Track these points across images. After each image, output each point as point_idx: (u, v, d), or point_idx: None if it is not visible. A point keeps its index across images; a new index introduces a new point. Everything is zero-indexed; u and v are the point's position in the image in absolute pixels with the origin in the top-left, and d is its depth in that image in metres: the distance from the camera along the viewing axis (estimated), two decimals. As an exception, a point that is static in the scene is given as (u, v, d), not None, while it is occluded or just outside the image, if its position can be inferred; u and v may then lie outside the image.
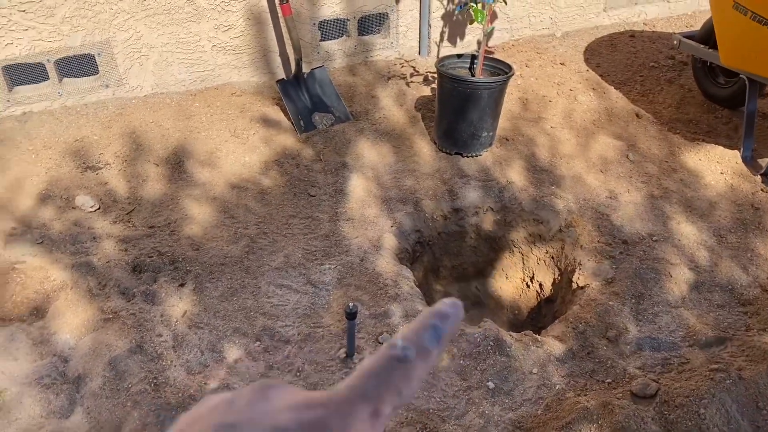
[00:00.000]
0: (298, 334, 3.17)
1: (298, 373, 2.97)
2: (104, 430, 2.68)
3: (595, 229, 3.89)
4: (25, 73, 4.72)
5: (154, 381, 2.88)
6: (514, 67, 4.46)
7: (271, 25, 4.96)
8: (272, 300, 3.35)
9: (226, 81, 5.09)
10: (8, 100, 4.64)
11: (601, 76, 5.46)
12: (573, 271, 3.74)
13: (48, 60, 4.60)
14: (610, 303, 3.38)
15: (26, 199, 3.97)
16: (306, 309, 3.32)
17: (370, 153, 4.46)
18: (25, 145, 4.43)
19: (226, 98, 4.92)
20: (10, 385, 2.84)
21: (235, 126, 4.60)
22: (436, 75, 5.20)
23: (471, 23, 4.41)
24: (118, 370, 2.92)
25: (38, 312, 3.23)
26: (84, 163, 4.29)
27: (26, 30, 4.43)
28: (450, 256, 4.22)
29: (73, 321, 3.16)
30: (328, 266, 3.57)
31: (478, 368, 3.02)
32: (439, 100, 4.44)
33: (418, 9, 5.36)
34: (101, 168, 4.25)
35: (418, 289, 3.51)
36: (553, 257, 4.01)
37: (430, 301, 3.78)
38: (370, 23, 5.37)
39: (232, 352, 3.06)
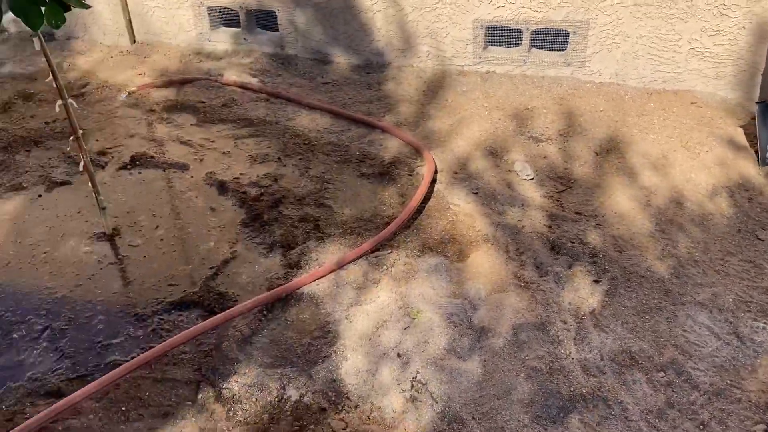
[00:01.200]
0: (710, 385, 2.78)
1: (701, 427, 2.61)
2: (495, 387, 2.75)
3: None
4: (502, 36, 5.04)
5: (550, 364, 2.84)
6: None
7: (769, 38, 4.36)
8: (688, 335, 3.01)
9: (689, 88, 4.68)
10: (479, 57, 5.03)
11: None
12: None
13: (527, 28, 4.82)
14: None
15: (472, 149, 4.28)
16: (725, 361, 2.89)
17: None
18: (481, 101, 4.77)
19: (684, 106, 4.54)
20: (425, 308, 3.11)
21: (689, 138, 4.22)
22: None
23: None
24: (519, 339, 2.96)
25: (460, 255, 3.46)
26: (528, 131, 4.43)
27: (520, -3, 4.69)
28: None
29: (488, 275, 3.31)
30: (763, 325, 3.06)
31: None
32: None
33: None
34: (543, 141, 4.33)
35: None
36: None
37: None
38: None
39: (629, 370, 2.84)
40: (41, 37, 2.98)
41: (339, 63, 5.40)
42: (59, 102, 3.22)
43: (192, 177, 4.15)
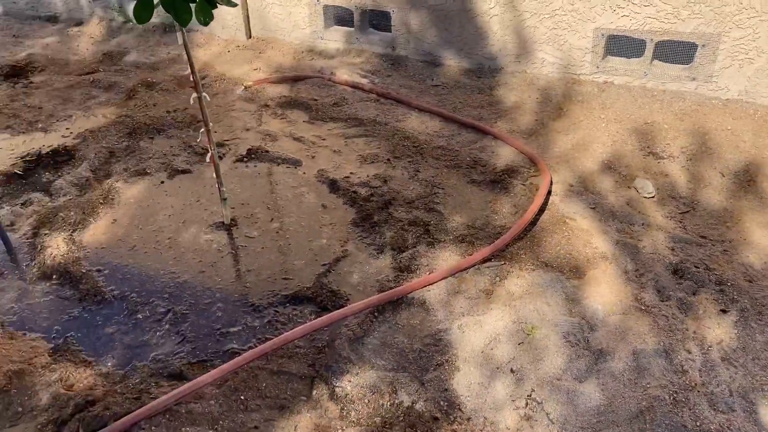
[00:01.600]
0: None
1: (844, 481, 2.42)
2: (615, 414, 2.64)
3: None
4: (623, 47, 4.86)
5: (674, 395, 2.70)
6: None
7: None
8: (828, 378, 2.79)
9: (829, 109, 4.37)
10: (597, 67, 4.87)
11: None
12: None
13: (651, 39, 4.62)
14: None
15: (589, 162, 4.15)
16: None
17: None
18: (597, 112, 4.62)
19: (822, 128, 4.24)
20: (540, 325, 3.04)
21: (828, 163, 3.93)
22: None
23: None
24: (640, 364, 2.84)
25: (576, 272, 3.36)
26: (648, 147, 4.25)
27: (647, 6, 4.50)
28: None
29: (606, 295, 3.19)
30: None
31: None
32: None
33: None
34: (664, 158, 4.15)
35: None
36: None
37: None
38: None
39: (763, 410, 2.66)
40: (184, 32, 3.10)
41: (450, 66, 5.36)
42: (194, 95, 3.34)
43: (304, 173, 4.23)
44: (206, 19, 2.75)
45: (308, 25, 5.72)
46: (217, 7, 2.82)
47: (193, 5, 2.78)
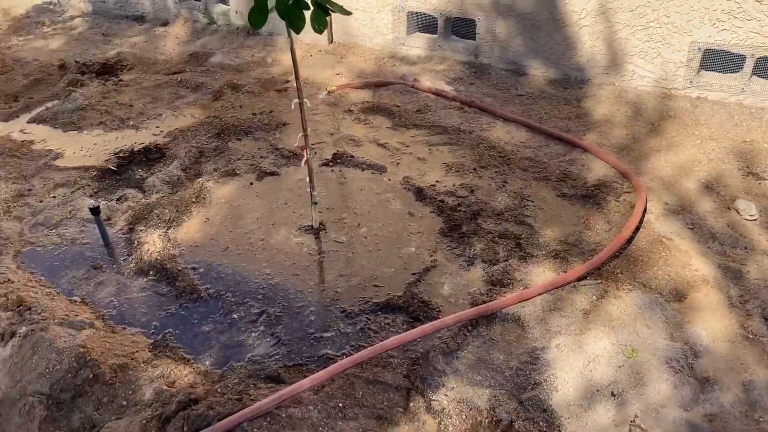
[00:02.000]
0: None
1: None
2: (725, 448, 2.54)
3: None
4: (720, 61, 4.70)
5: (789, 432, 2.58)
6: None
7: None
8: None
9: None
10: (691, 81, 4.71)
11: None
12: None
13: (752, 55, 4.44)
14: None
15: (684, 180, 4.02)
16: None
17: None
18: (691, 129, 4.47)
19: None
20: (640, 348, 2.94)
21: None
22: None
23: None
24: (750, 397, 2.72)
25: (676, 294, 3.24)
26: (748, 167, 4.09)
27: (749, 21, 4.33)
28: None
29: (709, 320, 3.07)
30: None
31: None
32: None
33: None
34: (766, 179, 3.98)
35: None
36: None
37: None
38: None
39: None
40: (292, 38, 3.13)
41: (534, 75, 5.28)
42: (295, 100, 3.38)
43: (389, 180, 4.23)
44: (320, 26, 2.77)
45: (391, 31, 5.73)
46: (330, 15, 2.84)
47: (307, 13, 2.81)
